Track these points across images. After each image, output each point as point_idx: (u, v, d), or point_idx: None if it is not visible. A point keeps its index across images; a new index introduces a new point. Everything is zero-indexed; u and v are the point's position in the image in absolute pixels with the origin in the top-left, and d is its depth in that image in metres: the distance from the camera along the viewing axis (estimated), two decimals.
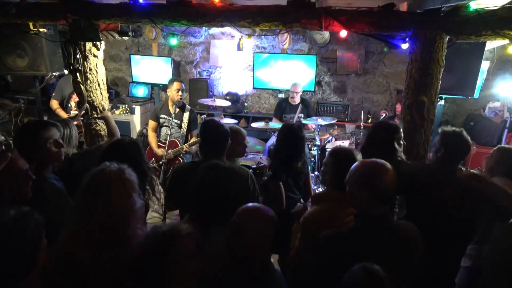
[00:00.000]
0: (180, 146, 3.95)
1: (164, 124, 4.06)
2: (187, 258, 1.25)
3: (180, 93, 3.96)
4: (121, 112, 3.71)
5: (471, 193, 1.96)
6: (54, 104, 4.51)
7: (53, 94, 4.59)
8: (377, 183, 1.53)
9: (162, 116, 4.05)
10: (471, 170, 2.31)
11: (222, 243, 1.60)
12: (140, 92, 6.41)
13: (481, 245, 2.28)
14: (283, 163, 2.68)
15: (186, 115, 4.07)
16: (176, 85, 3.96)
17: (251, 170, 2.37)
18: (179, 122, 4.04)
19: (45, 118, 5.11)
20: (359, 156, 1.92)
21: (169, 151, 3.85)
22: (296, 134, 2.69)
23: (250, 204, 1.56)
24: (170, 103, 4.04)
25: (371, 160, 1.62)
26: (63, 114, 4.44)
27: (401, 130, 2.26)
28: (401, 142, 2.29)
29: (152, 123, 4.12)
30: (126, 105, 3.87)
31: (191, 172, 2.25)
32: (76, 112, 4.00)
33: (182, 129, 4.03)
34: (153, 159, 4.02)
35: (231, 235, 1.48)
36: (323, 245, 1.63)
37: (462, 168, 2.14)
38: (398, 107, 4.50)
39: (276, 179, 2.66)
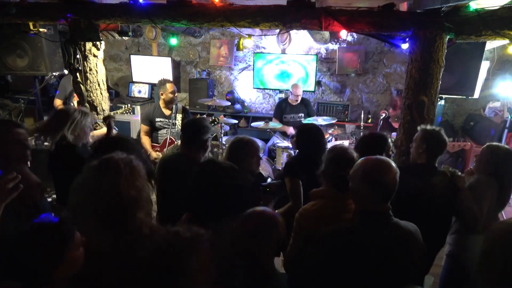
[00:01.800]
0: (175, 143, 3.97)
1: (162, 126, 4.05)
2: (205, 267, 1.22)
3: (175, 94, 3.98)
4: (124, 112, 3.75)
5: (449, 190, 2.12)
6: (57, 102, 4.52)
7: (57, 93, 4.60)
8: (380, 179, 1.54)
9: (158, 120, 4.02)
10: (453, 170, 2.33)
11: (221, 240, 1.61)
12: (141, 92, 6.41)
13: (461, 234, 2.31)
14: (307, 160, 2.43)
15: (179, 113, 4.11)
16: (169, 86, 3.94)
17: (260, 187, 2.31)
18: (175, 121, 4.07)
19: (45, 118, 5.14)
20: (355, 154, 1.93)
21: (169, 147, 3.90)
22: (318, 132, 2.57)
23: (259, 208, 1.58)
24: (162, 105, 4.02)
25: (376, 157, 1.63)
26: None
27: (389, 141, 2.39)
28: (390, 153, 2.39)
29: (145, 128, 4.05)
30: (129, 105, 3.90)
31: (178, 163, 2.39)
32: None
33: (177, 127, 4.05)
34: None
35: (240, 238, 1.48)
36: (324, 240, 1.64)
37: (445, 168, 2.24)
38: (391, 111, 4.55)
39: (295, 175, 2.40)
